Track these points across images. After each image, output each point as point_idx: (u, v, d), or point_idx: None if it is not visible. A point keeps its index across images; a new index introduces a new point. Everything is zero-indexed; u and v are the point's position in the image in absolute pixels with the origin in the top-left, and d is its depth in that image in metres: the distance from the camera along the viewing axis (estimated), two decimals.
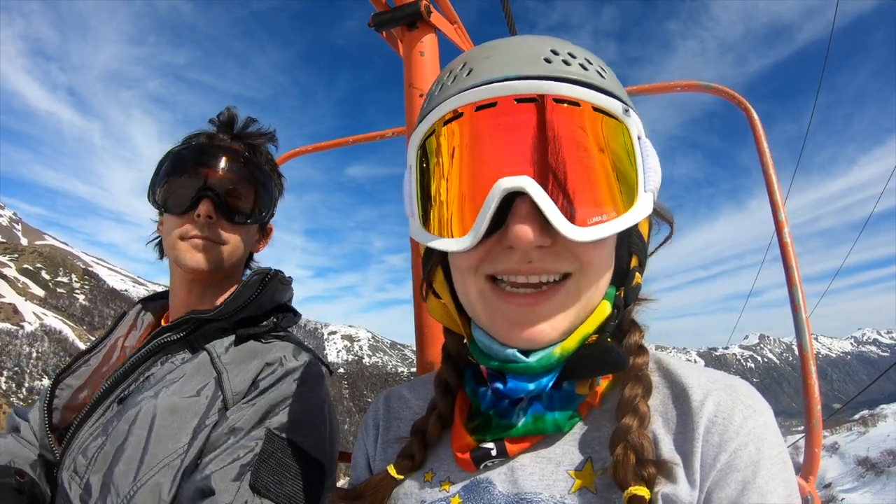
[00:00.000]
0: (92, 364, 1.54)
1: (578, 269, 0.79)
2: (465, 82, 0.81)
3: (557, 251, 0.78)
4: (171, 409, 1.27)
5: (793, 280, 1.72)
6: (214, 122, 1.62)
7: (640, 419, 0.79)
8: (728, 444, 0.76)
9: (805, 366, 1.62)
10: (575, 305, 0.81)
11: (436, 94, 0.86)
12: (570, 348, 0.82)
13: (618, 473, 0.75)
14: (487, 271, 0.81)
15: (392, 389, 1.14)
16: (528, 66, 0.78)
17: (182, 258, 1.46)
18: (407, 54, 1.69)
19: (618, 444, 0.77)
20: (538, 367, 0.80)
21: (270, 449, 1.24)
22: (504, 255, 0.78)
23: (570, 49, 0.82)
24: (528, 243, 0.74)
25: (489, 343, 0.84)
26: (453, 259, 0.86)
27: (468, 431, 0.89)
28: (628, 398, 0.82)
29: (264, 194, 1.58)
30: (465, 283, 0.84)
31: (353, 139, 2.37)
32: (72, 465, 1.27)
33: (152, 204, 1.53)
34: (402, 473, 0.92)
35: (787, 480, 0.76)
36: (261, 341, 1.47)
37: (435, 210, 0.83)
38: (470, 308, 0.87)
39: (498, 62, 0.80)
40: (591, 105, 0.77)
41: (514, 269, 0.78)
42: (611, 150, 0.78)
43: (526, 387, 0.81)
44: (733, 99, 1.99)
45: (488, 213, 0.75)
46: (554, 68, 0.79)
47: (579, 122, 0.76)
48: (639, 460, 0.75)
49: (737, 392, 0.81)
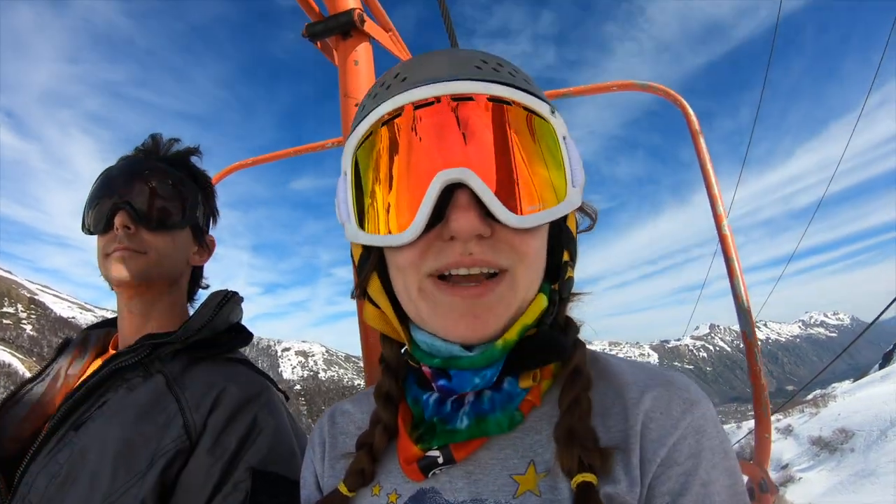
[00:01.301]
0: (36, 393, 1.49)
1: (517, 260, 0.81)
2: (402, 86, 0.83)
3: (495, 243, 0.80)
4: (127, 437, 1.23)
5: (734, 271, 1.77)
6: (139, 149, 1.61)
7: (581, 409, 0.81)
8: (667, 438, 0.77)
9: (750, 354, 1.67)
10: (515, 297, 0.83)
11: (369, 102, 0.88)
12: (512, 340, 0.83)
13: (564, 463, 0.76)
14: (429, 268, 0.81)
15: (336, 405, 1.13)
16: (462, 70, 0.83)
17: (108, 274, 1.45)
18: (342, 64, 1.68)
19: (563, 434, 0.79)
20: (482, 361, 0.82)
21: (258, 488, 1.24)
22: (445, 248, 0.80)
23: (498, 60, 0.87)
24: (470, 230, 0.76)
25: (431, 341, 0.86)
26: (394, 259, 0.86)
27: (413, 441, 0.88)
28: (569, 390, 0.83)
29: (183, 200, 1.56)
30: (406, 282, 0.85)
31: (293, 150, 2.35)
32: (26, 497, 1.22)
33: (85, 233, 1.52)
34: (353, 490, 0.91)
35: (730, 469, 0.78)
36: (216, 362, 1.45)
37: (373, 210, 0.84)
38: (412, 307, 0.87)
39: (432, 68, 0.84)
40: (521, 105, 0.81)
41: (456, 262, 0.79)
42: (541, 147, 0.83)
43: (472, 379, 0.83)
44: (668, 96, 2.04)
45: (430, 202, 0.77)
46: (485, 74, 0.83)
47: (512, 120, 0.81)
48: (584, 448, 0.76)
49: (673, 386, 0.83)
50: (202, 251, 1.68)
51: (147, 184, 1.50)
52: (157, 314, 1.53)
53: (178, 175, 1.57)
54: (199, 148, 1.68)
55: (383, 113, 0.82)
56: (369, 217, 0.85)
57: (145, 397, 1.32)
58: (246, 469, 1.25)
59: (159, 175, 1.53)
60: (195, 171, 1.66)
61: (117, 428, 1.25)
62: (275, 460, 1.30)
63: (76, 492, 1.18)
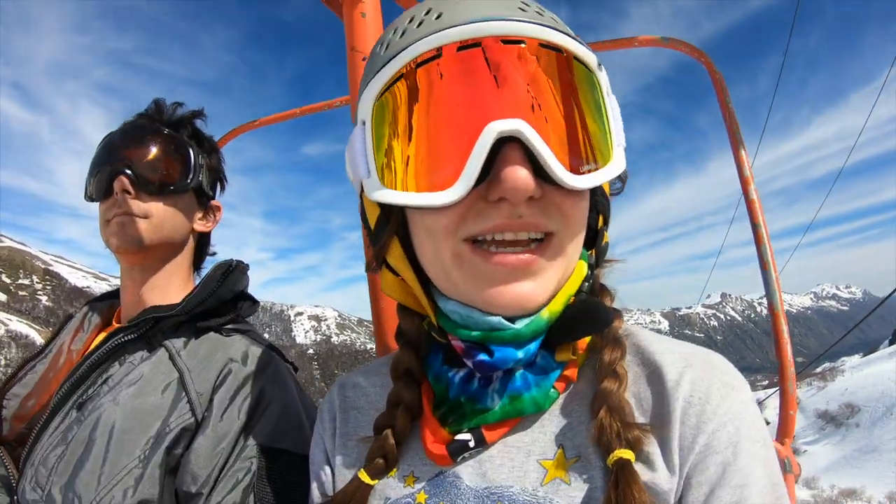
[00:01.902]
0: (38, 371, 1.47)
1: (564, 225, 0.74)
2: (438, 24, 0.72)
3: (545, 206, 0.72)
4: (132, 413, 1.22)
5: (761, 238, 1.69)
6: (142, 114, 1.56)
7: (619, 381, 0.75)
8: (706, 425, 0.72)
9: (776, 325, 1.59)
10: (559, 265, 0.76)
11: (396, 40, 0.76)
12: (557, 311, 0.76)
13: (602, 438, 0.71)
14: (469, 232, 0.73)
15: (345, 377, 1.06)
16: (506, 11, 0.72)
17: (108, 240, 1.42)
18: (348, 17, 1.59)
19: (600, 407, 0.73)
20: (528, 333, 0.74)
21: (266, 464, 1.22)
22: (488, 209, 0.71)
23: (539, 6, 0.78)
24: (526, 190, 0.67)
25: (467, 312, 0.76)
26: (423, 221, 0.76)
27: (439, 422, 0.82)
28: (608, 362, 0.77)
29: (185, 164, 1.51)
30: (437, 248, 0.75)
31: (300, 110, 2.28)
32: (33, 477, 1.21)
33: (88, 201, 1.49)
34: (375, 478, 0.84)
35: (767, 459, 0.73)
36: (221, 333, 1.42)
37: (402, 164, 0.74)
38: (442, 276, 0.78)
39: (473, 7, 0.72)
40: (573, 54, 0.73)
41: (502, 225, 0.71)
42: (590, 103, 0.75)
43: (514, 354, 0.74)
44: (693, 52, 1.94)
45: (480, 157, 0.67)
46: (531, 16, 0.73)
47: (563, 70, 0.73)
48: (622, 423, 0.71)
49: (713, 369, 0.78)
50: (207, 217, 1.63)
51: (147, 147, 1.46)
52: (158, 283, 1.49)
53: (181, 138, 1.52)
54: (203, 111, 1.62)
55: (417, 53, 0.71)
56: (396, 173, 0.74)
57: (149, 372, 1.30)
58: (254, 445, 1.23)
59: (160, 138, 1.48)
60: (199, 134, 1.60)
61: (121, 405, 1.23)
62: (283, 435, 1.27)
63: (82, 471, 1.16)
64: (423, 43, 0.71)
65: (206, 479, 1.18)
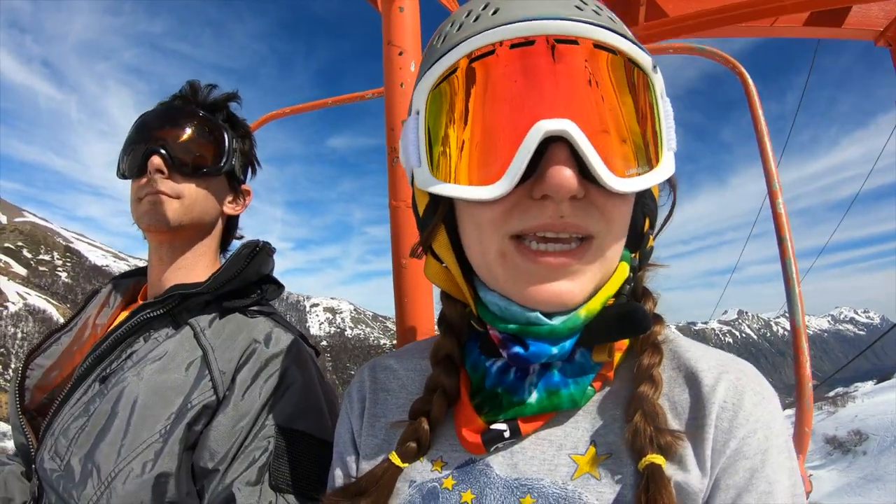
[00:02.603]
0: (63, 343, 1.49)
1: (605, 228, 0.75)
2: (494, 20, 0.74)
3: (587, 207, 0.72)
4: (155, 388, 1.23)
5: (786, 251, 1.67)
6: (177, 95, 1.57)
7: (655, 387, 0.76)
8: (737, 430, 0.73)
9: (797, 341, 1.58)
10: (599, 267, 0.76)
11: (453, 33, 0.78)
12: (594, 310, 0.77)
13: (635, 442, 0.72)
14: (513, 228, 0.74)
15: (377, 359, 1.07)
16: (562, 9, 0.73)
17: (139, 218, 1.43)
18: (386, 10, 1.61)
19: (636, 412, 0.74)
20: (564, 330, 0.75)
21: (283, 444, 1.23)
22: (533, 208, 0.72)
23: (597, 3, 0.77)
24: (569, 189, 0.68)
25: (506, 305, 0.78)
26: (471, 214, 0.78)
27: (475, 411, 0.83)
28: (646, 366, 0.78)
29: (219, 147, 1.52)
30: (483, 242, 0.77)
31: (331, 101, 2.30)
32: (53, 447, 1.22)
33: (120, 178, 1.50)
34: (407, 461, 0.85)
35: (792, 469, 0.74)
36: (246, 315, 1.43)
37: (452, 157, 0.76)
38: (485, 269, 0.80)
39: (529, 4, 0.74)
40: (627, 56, 0.73)
41: (545, 224, 0.72)
42: (642, 105, 0.75)
43: (549, 350, 0.75)
44: (727, 63, 1.93)
45: (526, 154, 0.69)
46: (587, 15, 0.73)
47: (616, 72, 0.73)
48: (656, 428, 0.72)
49: (747, 377, 0.79)
50: (237, 201, 1.65)
51: (183, 129, 1.47)
52: (186, 263, 1.51)
53: (215, 121, 1.53)
54: (237, 93, 1.62)
55: (473, 48, 0.73)
56: (446, 164, 0.76)
57: (173, 349, 1.31)
58: (272, 425, 1.24)
59: (196, 120, 1.50)
60: (233, 118, 1.62)
61: (144, 380, 1.25)
62: (301, 416, 1.28)
63: (102, 442, 1.18)
64: (479, 38, 0.72)
65: (224, 456, 1.19)
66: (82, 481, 1.15)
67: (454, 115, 0.76)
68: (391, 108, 1.55)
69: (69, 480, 1.16)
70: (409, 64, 1.56)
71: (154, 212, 1.40)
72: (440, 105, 0.77)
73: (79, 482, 1.15)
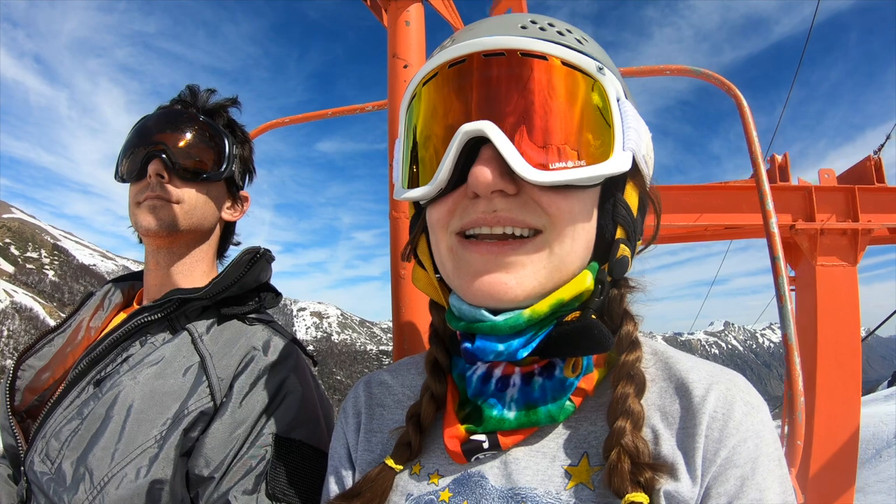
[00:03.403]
0: (56, 344, 1.48)
1: (548, 223, 0.77)
2: (444, 47, 0.84)
3: (524, 202, 0.77)
4: (151, 393, 1.22)
5: (779, 270, 1.70)
6: (177, 100, 1.58)
7: (633, 421, 0.76)
8: (728, 439, 0.75)
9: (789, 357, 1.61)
10: (545, 265, 0.78)
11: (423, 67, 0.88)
12: (541, 312, 0.78)
13: (613, 481, 0.72)
14: (456, 226, 0.81)
15: (372, 375, 1.09)
16: (502, 30, 0.81)
17: (137, 222, 1.43)
18: (392, 24, 1.62)
19: (612, 448, 0.74)
20: (504, 327, 0.77)
21: (280, 453, 1.22)
22: (470, 206, 0.79)
23: (551, 20, 0.83)
24: (487, 185, 0.74)
25: (459, 304, 0.83)
26: (429, 217, 0.87)
27: (459, 420, 0.85)
28: (619, 397, 0.78)
29: (219, 153, 1.53)
30: (437, 241, 0.85)
31: (332, 112, 2.31)
32: (44, 449, 1.21)
33: (118, 181, 1.50)
34: (400, 463, 0.87)
35: (783, 478, 0.76)
36: (244, 322, 1.43)
37: (412, 168, 0.87)
38: (442, 267, 0.87)
39: (478, 30, 0.83)
40: (559, 59, 0.77)
41: (479, 220, 0.78)
42: (582, 105, 0.78)
43: (495, 346, 0.77)
44: (723, 85, 1.96)
45: (449, 156, 0.77)
46: (527, 32, 0.80)
47: (546, 75, 0.78)
48: (634, 464, 0.72)
49: (737, 387, 0.81)
50: (235, 206, 1.65)
51: (183, 133, 1.47)
52: (184, 268, 1.51)
53: (217, 127, 1.54)
54: (237, 98, 1.63)
55: (423, 74, 0.84)
56: (409, 175, 0.87)
57: (170, 354, 1.31)
58: (269, 434, 1.24)
59: (196, 125, 1.50)
60: (233, 124, 1.62)
61: (140, 384, 1.24)
62: (299, 426, 1.28)
63: (96, 446, 1.17)
64: (429, 63, 0.84)
65: (220, 464, 1.19)
66: (74, 485, 1.14)
67: (413, 132, 0.87)
68: (394, 121, 1.56)
69: (60, 484, 1.15)
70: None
71: (153, 216, 1.40)
72: (409, 126, 0.88)
73: (70, 486, 1.14)
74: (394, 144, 0.94)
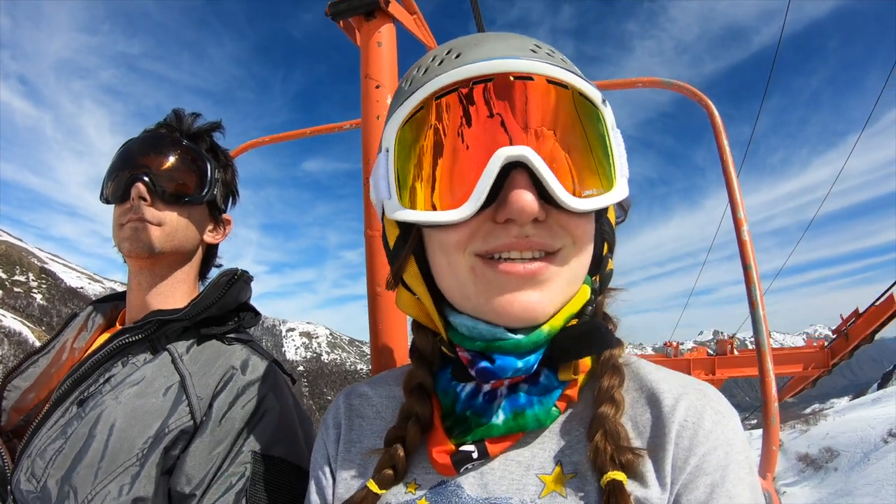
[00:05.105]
0: (41, 365, 1.49)
1: (569, 243, 0.80)
2: (457, 63, 0.80)
3: (551, 226, 0.78)
4: (133, 412, 1.24)
5: (751, 278, 1.74)
6: (162, 123, 1.59)
7: (616, 407, 0.80)
8: (698, 447, 0.77)
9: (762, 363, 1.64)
10: (566, 281, 0.81)
11: (419, 77, 0.84)
12: (557, 326, 0.81)
13: (596, 460, 0.76)
14: (478, 249, 0.79)
15: (352, 387, 1.10)
16: (518, 52, 0.80)
17: (120, 244, 1.45)
18: (364, 44, 1.65)
19: (596, 431, 0.78)
20: (528, 344, 0.79)
21: (259, 470, 1.23)
22: (497, 230, 0.78)
23: (550, 47, 0.86)
24: (531, 213, 0.74)
25: (474, 325, 0.82)
26: (437, 238, 0.82)
27: (445, 433, 0.87)
28: (606, 387, 0.82)
29: (201, 176, 1.55)
30: (451, 263, 0.81)
31: (310, 131, 2.33)
32: (29, 468, 1.22)
33: (103, 203, 1.51)
34: (384, 488, 0.87)
35: (753, 484, 0.77)
36: (223, 342, 1.44)
37: (419, 187, 0.81)
38: (457, 290, 0.84)
39: (488, 48, 0.81)
40: (577, 90, 0.80)
41: (510, 245, 0.77)
42: (593, 134, 0.81)
43: (514, 363, 0.79)
44: (694, 96, 2.00)
45: (489, 178, 0.74)
46: (541, 56, 0.80)
47: (568, 104, 0.80)
48: (616, 447, 0.76)
49: (707, 397, 0.83)
50: (217, 229, 1.66)
51: (166, 157, 1.49)
52: (165, 289, 1.52)
53: (199, 150, 1.55)
54: (221, 123, 1.65)
55: (437, 87, 0.79)
56: (415, 194, 0.81)
57: (151, 374, 1.32)
58: (249, 451, 1.25)
59: (179, 149, 1.52)
60: (216, 148, 1.64)
61: (122, 404, 1.25)
62: (277, 442, 1.29)
63: (80, 465, 1.18)
64: (444, 77, 0.79)
65: (201, 481, 1.20)
66: (59, 503, 1.15)
67: (422, 149, 0.81)
68: (367, 140, 1.59)
69: (46, 502, 1.16)
70: (386, 97, 1.61)
71: (135, 238, 1.42)
72: (409, 141, 0.82)
73: None
74: (368, 163, 0.94)
